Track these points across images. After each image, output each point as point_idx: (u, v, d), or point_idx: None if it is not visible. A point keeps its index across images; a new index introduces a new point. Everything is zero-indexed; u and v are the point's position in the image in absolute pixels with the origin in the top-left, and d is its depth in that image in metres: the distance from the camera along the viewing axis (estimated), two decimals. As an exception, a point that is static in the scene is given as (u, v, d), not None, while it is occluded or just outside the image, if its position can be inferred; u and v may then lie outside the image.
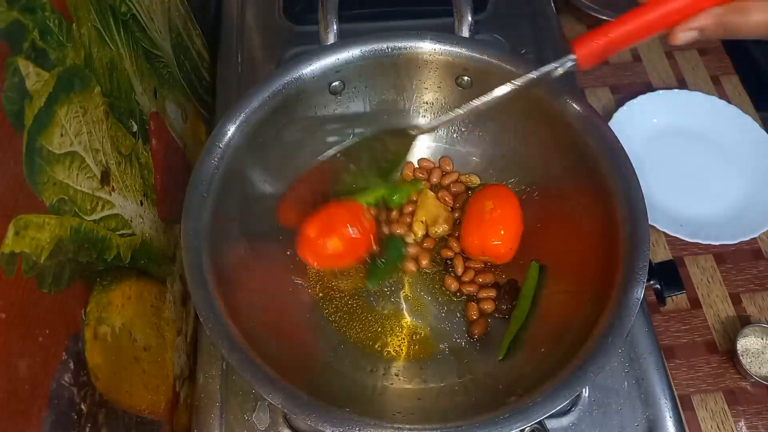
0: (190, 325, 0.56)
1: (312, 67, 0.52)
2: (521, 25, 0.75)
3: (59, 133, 0.35)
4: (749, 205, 0.71)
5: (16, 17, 0.32)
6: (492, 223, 0.54)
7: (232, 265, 0.48)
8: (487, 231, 0.54)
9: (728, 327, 0.65)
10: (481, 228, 0.54)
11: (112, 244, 0.41)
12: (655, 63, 0.84)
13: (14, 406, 0.29)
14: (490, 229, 0.54)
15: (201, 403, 0.52)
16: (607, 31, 0.40)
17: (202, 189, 0.47)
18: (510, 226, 0.54)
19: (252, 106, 0.50)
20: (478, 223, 0.54)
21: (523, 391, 0.41)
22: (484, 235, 0.54)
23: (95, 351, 0.37)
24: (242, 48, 0.73)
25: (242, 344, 0.41)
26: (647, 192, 0.46)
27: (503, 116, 0.56)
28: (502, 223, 0.54)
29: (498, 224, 0.54)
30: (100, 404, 0.37)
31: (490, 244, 0.54)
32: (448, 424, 0.39)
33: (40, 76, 0.34)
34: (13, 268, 0.30)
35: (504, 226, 0.54)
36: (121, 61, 0.46)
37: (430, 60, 0.55)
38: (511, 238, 0.54)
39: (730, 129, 0.76)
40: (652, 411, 0.51)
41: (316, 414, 0.38)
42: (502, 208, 0.54)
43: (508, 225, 0.54)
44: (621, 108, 0.77)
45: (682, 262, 0.69)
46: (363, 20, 0.74)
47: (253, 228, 0.53)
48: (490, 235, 0.54)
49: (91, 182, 0.39)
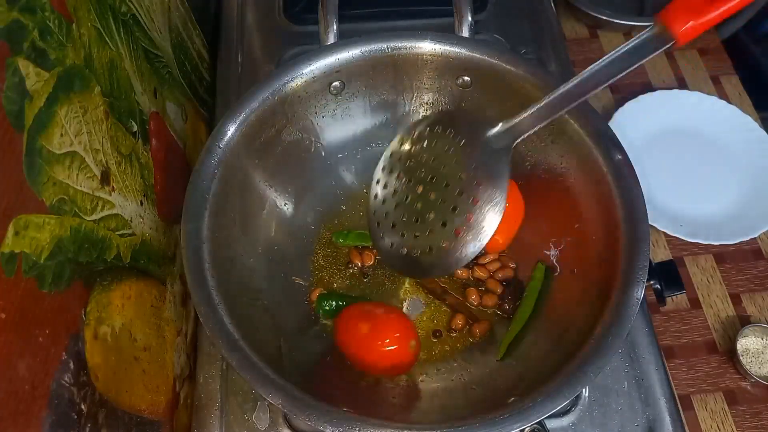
0: (190, 325, 0.56)
1: (312, 67, 0.52)
2: (521, 25, 0.75)
3: (59, 133, 0.35)
4: (749, 205, 0.71)
5: (16, 17, 0.32)
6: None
7: (233, 265, 0.48)
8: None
9: (728, 327, 0.65)
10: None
11: (112, 244, 0.41)
12: (655, 63, 0.84)
13: (14, 406, 0.29)
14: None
15: (201, 403, 0.52)
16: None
17: (202, 189, 0.47)
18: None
19: (252, 106, 0.50)
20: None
21: (523, 391, 0.41)
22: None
23: (95, 351, 0.37)
24: (242, 48, 0.73)
25: (242, 344, 0.41)
26: (647, 192, 0.46)
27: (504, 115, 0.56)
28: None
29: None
30: (100, 404, 0.37)
31: None
32: (448, 424, 0.39)
33: (40, 76, 0.34)
34: (13, 268, 0.30)
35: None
36: (121, 61, 0.46)
37: (430, 60, 0.55)
38: (502, 226, 0.54)
39: (730, 129, 0.76)
40: (652, 411, 0.51)
41: (316, 414, 0.38)
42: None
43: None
44: (621, 108, 0.77)
45: (682, 262, 0.69)
46: (363, 20, 0.74)
47: (253, 229, 0.54)
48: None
49: (91, 182, 0.39)
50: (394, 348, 0.48)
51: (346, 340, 0.49)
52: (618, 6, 0.85)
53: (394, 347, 0.48)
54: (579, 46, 0.86)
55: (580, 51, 0.85)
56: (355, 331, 0.49)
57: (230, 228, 0.49)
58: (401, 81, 0.57)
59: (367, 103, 0.58)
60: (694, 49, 0.85)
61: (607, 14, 0.82)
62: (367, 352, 0.48)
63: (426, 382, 0.51)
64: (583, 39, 0.87)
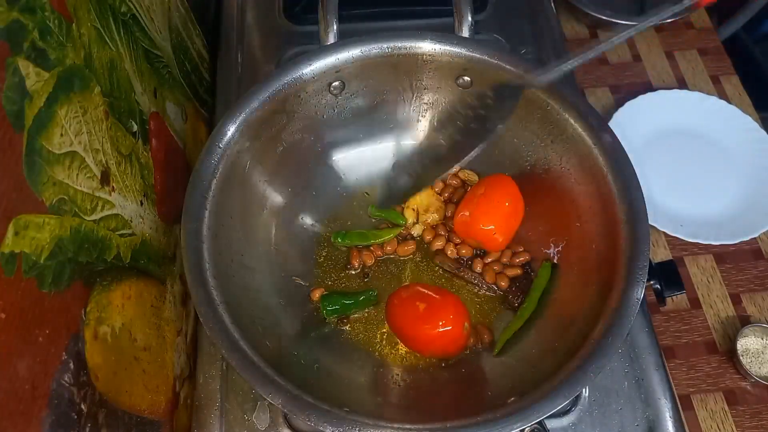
0: (190, 325, 0.56)
1: (312, 67, 0.52)
2: (521, 25, 0.75)
3: (59, 133, 0.35)
4: (749, 205, 0.71)
5: (16, 17, 0.32)
6: (479, 206, 0.54)
7: (233, 265, 0.48)
8: (475, 213, 0.54)
9: (728, 327, 0.65)
10: (468, 209, 0.55)
11: (112, 244, 0.41)
12: (655, 63, 0.84)
13: (14, 406, 0.29)
14: (477, 211, 0.54)
15: (201, 403, 0.52)
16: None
17: (202, 189, 0.47)
18: (499, 212, 0.54)
19: (252, 106, 0.50)
20: (467, 206, 0.55)
21: (523, 391, 0.41)
22: (473, 217, 0.54)
23: (95, 351, 0.37)
24: (242, 48, 0.73)
25: (242, 344, 0.41)
26: (647, 192, 0.46)
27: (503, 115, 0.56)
28: (491, 207, 0.54)
29: (485, 208, 0.54)
30: (100, 404, 0.37)
31: (479, 228, 0.54)
32: (448, 424, 0.39)
33: (40, 76, 0.34)
34: (13, 268, 0.30)
35: (493, 210, 0.54)
36: (121, 61, 0.46)
37: (430, 60, 0.55)
38: (502, 225, 0.54)
39: (730, 129, 0.76)
40: (652, 411, 0.51)
41: (316, 414, 0.38)
42: (494, 193, 0.54)
43: (497, 210, 0.54)
44: (621, 108, 0.77)
45: (682, 262, 0.69)
46: (363, 20, 0.74)
47: (253, 229, 0.54)
48: (479, 218, 0.54)
49: (91, 182, 0.39)
50: (449, 329, 0.49)
51: (401, 319, 0.50)
52: (618, 6, 0.85)
53: (449, 328, 0.49)
54: (579, 46, 0.85)
55: (580, 51, 0.85)
56: (413, 310, 0.49)
57: (230, 228, 0.49)
58: (401, 81, 0.57)
59: (367, 103, 0.58)
60: (694, 49, 0.85)
61: (607, 14, 0.82)
62: (421, 332, 0.49)
63: (426, 382, 0.51)
64: (583, 39, 0.87)
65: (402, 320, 0.50)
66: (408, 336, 0.50)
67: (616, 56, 0.85)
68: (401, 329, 0.51)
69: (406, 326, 0.50)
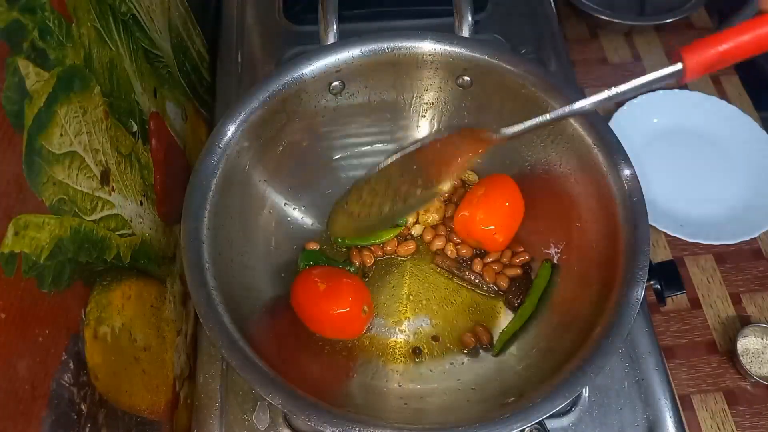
0: (190, 325, 0.56)
1: (312, 67, 0.52)
2: (521, 25, 0.75)
3: (59, 133, 0.35)
4: (749, 205, 0.71)
5: (16, 17, 0.32)
6: (479, 206, 0.54)
7: (233, 265, 0.48)
8: (474, 213, 0.54)
9: (728, 327, 0.65)
10: (468, 209, 0.55)
11: (112, 244, 0.41)
12: (655, 63, 0.84)
13: (14, 406, 0.29)
14: (477, 211, 0.54)
15: (201, 403, 0.52)
16: (723, 39, 0.36)
17: (202, 189, 0.47)
18: (499, 212, 0.54)
19: (252, 106, 0.50)
20: (467, 206, 0.55)
21: (523, 391, 0.41)
22: (473, 217, 0.54)
23: (95, 351, 0.37)
24: (242, 48, 0.73)
25: (242, 344, 0.41)
26: (647, 192, 0.46)
27: (505, 115, 0.56)
28: (491, 207, 0.54)
29: (485, 208, 0.54)
30: (100, 404, 0.37)
31: (479, 228, 0.54)
32: (448, 424, 0.39)
33: (40, 76, 0.34)
34: (13, 268, 0.30)
35: (493, 210, 0.54)
36: (121, 61, 0.46)
37: (430, 60, 0.55)
38: (502, 225, 0.54)
39: (730, 129, 0.76)
40: (652, 411, 0.51)
41: (316, 414, 0.38)
42: (494, 193, 0.55)
43: (497, 210, 0.54)
44: (621, 108, 0.77)
45: (682, 262, 0.69)
46: (363, 20, 0.74)
47: (253, 229, 0.54)
48: (479, 218, 0.54)
49: (91, 182, 0.39)
50: (346, 311, 0.50)
51: (303, 298, 0.51)
52: (618, 6, 0.85)
53: (346, 309, 0.50)
54: (579, 46, 0.86)
55: (580, 51, 0.85)
56: (314, 289, 0.50)
57: (230, 228, 0.49)
58: (401, 81, 0.57)
59: (367, 103, 0.58)
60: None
61: (607, 14, 0.82)
62: (320, 312, 0.50)
63: (426, 383, 0.51)
64: (583, 39, 0.87)
65: (304, 300, 0.51)
66: (309, 316, 0.51)
67: (616, 56, 0.85)
68: (304, 310, 0.51)
69: (308, 306, 0.51)
